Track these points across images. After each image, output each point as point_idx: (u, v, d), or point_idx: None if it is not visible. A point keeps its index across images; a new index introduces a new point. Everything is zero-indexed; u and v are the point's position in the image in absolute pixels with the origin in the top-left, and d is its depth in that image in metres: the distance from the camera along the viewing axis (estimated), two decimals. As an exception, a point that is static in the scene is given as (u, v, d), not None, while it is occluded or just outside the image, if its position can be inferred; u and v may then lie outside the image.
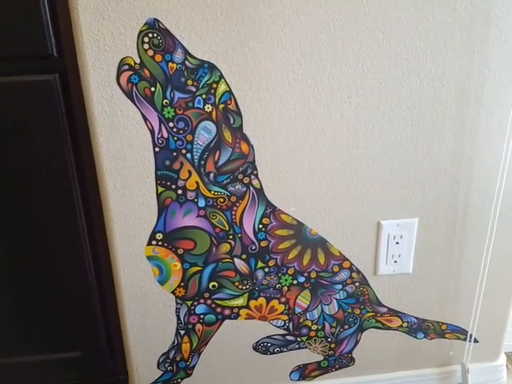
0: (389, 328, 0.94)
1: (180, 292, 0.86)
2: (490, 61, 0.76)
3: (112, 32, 0.69)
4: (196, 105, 0.74)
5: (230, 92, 0.74)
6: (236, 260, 0.85)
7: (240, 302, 0.88)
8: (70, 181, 0.78)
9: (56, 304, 0.89)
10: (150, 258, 0.83)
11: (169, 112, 0.74)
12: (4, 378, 0.96)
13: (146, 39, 0.70)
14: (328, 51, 0.73)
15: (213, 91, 0.73)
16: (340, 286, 0.89)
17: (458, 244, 0.88)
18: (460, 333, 0.97)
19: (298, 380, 0.97)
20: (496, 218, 0.86)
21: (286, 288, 0.88)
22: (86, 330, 0.92)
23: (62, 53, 0.72)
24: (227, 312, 0.89)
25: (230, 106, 0.75)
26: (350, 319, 0.92)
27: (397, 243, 0.87)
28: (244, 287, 0.87)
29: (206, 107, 0.74)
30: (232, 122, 0.76)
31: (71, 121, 0.75)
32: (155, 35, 0.70)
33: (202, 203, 0.80)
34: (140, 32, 0.69)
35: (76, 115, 0.75)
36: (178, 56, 0.71)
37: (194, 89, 0.73)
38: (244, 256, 0.85)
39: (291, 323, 0.91)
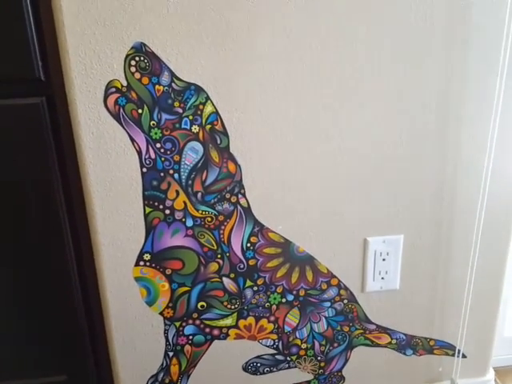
0: (378, 345, 0.94)
1: (168, 313, 0.85)
2: (469, 80, 0.78)
3: (99, 55, 0.70)
4: (183, 126, 0.75)
5: (216, 113, 0.75)
6: (224, 279, 0.85)
7: (229, 321, 0.88)
8: (57, 203, 0.78)
9: (42, 326, 0.88)
10: (137, 278, 0.82)
11: (156, 133, 0.74)
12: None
13: (133, 62, 0.71)
14: (313, 73, 0.75)
15: (199, 112, 0.74)
16: (328, 304, 0.89)
17: (443, 259, 0.90)
18: (448, 348, 0.97)
19: (289, 400, 0.97)
20: (479, 233, 0.87)
21: (274, 306, 0.88)
22: (72, 353, 0.90)
23: (48, 76, 0.73)
24: (216, 332, 0.88)
25: (216, 127, 0.76)
26: (339, 337, 0.92)
27: (383, 260, 0.87)
28: (233, 306, 0.87)
29: (192, 128, 0.75)
30: (219, 142, 0.77)
31: (58, 143, 0.76)
32: (142, 58, 0.71)
33: (189, 223, 0.80)
34: (127, 55, 0.70)
35: (63, 138, 0.75)
36: (165, 78, 0.72)
37: (180, 110, 0.74)
38: (232, 275, 0.85)
39: (281, 342, 0.91)
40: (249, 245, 0.83)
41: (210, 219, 0.81)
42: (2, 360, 0.90)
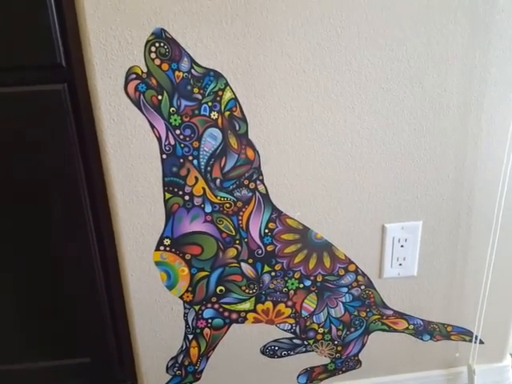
0: (395, 330, 0.95)
1: (188, 297, 0.87)
2: (491, 66, 0.77)
3: (119, 41, 0.70)
4: (202, 112, 0.75)
5: (235, 99, 0.75)
6: (243, 264, 0.86)
7: (247, 305, 0.89)
8: (79, 189, 0.79)
9: (65, 309, 0.90)
10: (157, 263, 0.84)
11: (175, 120, 0.75)
12: (14, 384, 0.97)
13: (153, 48, 0.71)
14: (331, 58, 0.74)
15: (218, 99, 0.75)
16: (346, 289, 0.90)
17: (461, 246, 0.89)
18: (465, 334, 0.97)
19: (306, 383, 0.98)
20: (499, 220, 0.87)
21: (292, 292, 0.89)
22: (95, 336, 0.93)
23: (70, 62, 0.74)
24: (234, 316, 0.90)
25: (235, 113, 0.76)
26: (356, 322, 0.93)
27: (401, 246, 0.87)
28: (251, 291, 0.88)
29: (212, 114, 0.75)
30: (238, 128, 0.77)
31: (79, 129, 0.77)
32: (162, 44, 0.71)
33: (208, 209, 0.81)
34: (147, 42, 0.71)
35: (84, 124, 0.76)
36: (185, 65, 0.72)
37: (200, 96, 0.74)
38: (250, 260, 0.86)
39: (298, 327, 0.92)
40: (267, 231, 0.84)
41: (228, 205, 0.81)
42: (28, 341, 0.93)
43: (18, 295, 0.88)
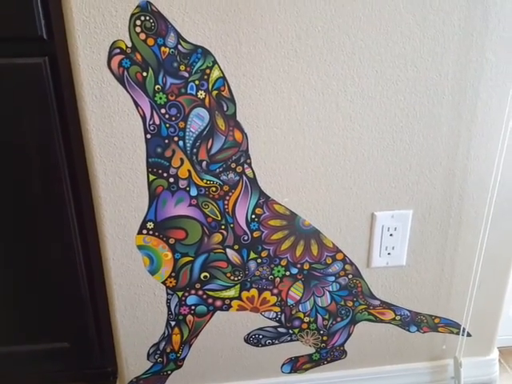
0: (381, 321, 0.94)
1: (171, 282, 0.85)
2: (488, 51, 0.75)
3: (103, 14, 0.67)
4: (189, 91, 0.72)
5: (223, 78, 0.72)
6: (228, 250, 0.84)
7: (232, 293, 0.87)
8: (59, 167, 0.76)
9: (44, 293, 0.88)
10: (140, 247, 0.81)
11: (161, 98, 0.72)
12: (-9, 369, 0.95)
13: (138, 22, 0.68)
14: (324, 38, 0.72)
15: (206, 77, 0.72)
16: (333, 278, 0.88)
17: (452, 237, 0.88)
18: (453, 326, 0.96)
19: (290, 373, 0.96)
20: (491, 211, 0.85)
21: (278, 279, 0.87)
22: (74, 321, 0.90)
23: (51, 35, 0.71)
24: (219, 303, 0.88)
25: (223, 93, 0.73)
26: (343, 311, 0.91)
27: (391, 235, 0.86)
28: (236, 278, 0.86)
29: (198, 93, 0.73)
30: (225, 109, 0.74)
31: (60, 105, 0.74)
32: (147, 18, 0.68)
33: (194, 192, 0.79)
34: (132, 15, 0.68)
35: (65, 99, 0.73)
36: (171, 40, 0.69)
37: (186, 74, 0.71)
38: (236, 246, 0.83)
39: (283, 315, 0.90)
40: (253, 216, 0.82)
41: (214, 189, 0.79)
42: (6, 326, 0.91)
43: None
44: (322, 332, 0.93)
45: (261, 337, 0.92)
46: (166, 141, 0.75)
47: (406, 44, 0.73)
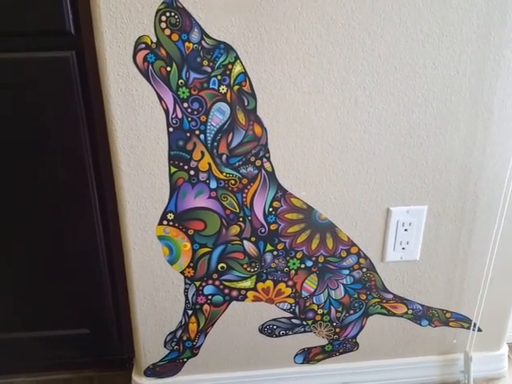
0: (394, 314, 0.95)
1: (189, 272, 0.87)
2: (505, 49, 0.76)
3: (130, 10, 0.69)
4: (211, 86, 0.74)
5: (245, 73, 0.74)
6: (245, 242, 0.85)
7: (248, 284, 0.89)
8: (84, 158, 0.79)
9: (65, 280, 0.90)
10: (160, 237, 0.83)
11: (184, 92, 0.74)
12: (12, 353, 0.98)
13: (164, 18, 0.70)
14: (344, 35, 0.73)
15: (228, 72, 0.74)
16: (347, 272, 0.90)
17: (465, 233, 0.89)
18: (464, 321, 0.98)
19: (302, 363, 0.98)
20: (505, 208, 0.86)
21: (293, 272, 0.89)
22: (94, 308, 0.93)
23: (79, 30, 0.73)
24: (235, 293, 0.90)
25: (244, 88, 0.75)
26: (356, 304, 0.93)
27: (405, 230, 0.87)
28: (252, 269, 0.88)
29: (220, 88, 0.74)
30: (246, 103, 0.76)
31: (86, 98, 0.76)
32: (172, 14, 0.70)
33: (213, 185, 0.81)
34: (157, 10, 0.69)
35: (91, 93, 0.75)
36: (195, 36, 0.71)
37: (209, 69, 0.73)
38: (253, 238, 0.85)
39: (297, 307, 0.92)
40: (271, 209, 0.83)
41: (233, 182, 0.81)
42: (24, 312, 0.93)
43: (19, 267, 0.88)
44: (334, 324, 0.95)
45: (275, 327, 0.94)
46: (188, 134, 0.77)
47: (424, 41, 0.74)
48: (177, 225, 0.83)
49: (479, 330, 0.98)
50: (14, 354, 0.97)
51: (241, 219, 0.84)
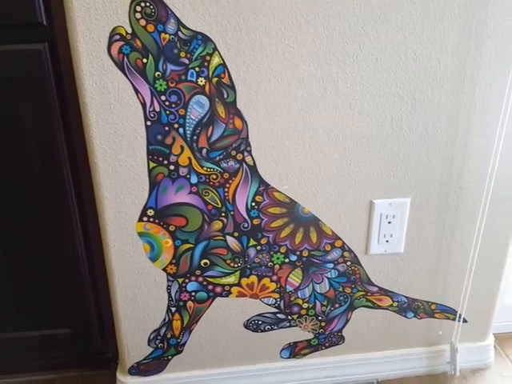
0: (379, 307, 0.95)
1: (171, 269, 0.85)
2: (487, 39, 0.75)
3: (103, 0, 0.67)
4: (189, 78, 0.72)
5: (223, 65, 0.72)
6: (228, 238, 0.84)
7: (231, 279, 0.88)
8: (60, 153, 0.77)
9: (46, 280, 0.88)
10: (141, 234, 0.82)
11: (161, 85, 0.72)
12: (-7, 354, 0.96)
13: (139, 8, 0.68)
14: (324, 25, 0.72)
15: (206, 64, 0.72)
16: (331, 265, 0.89)
17: (449, 224, 0.89)
18: (449, 313, 0.98)
19: (289, 358, 0.98)
20: (488, 199, 0.86)
21: (277, 266, 0.88)
22: (75, 307, 0.92)
23: (51, 21, 0.70)
24: (218, 289, 0.89)
25: (223, 80, 0.73)
26: (341, 298, 0.93)
27: (389, 223, 0.87)
28: (236, 265, 0.87)
29: (199, 80, 0.73)
30: (226, 96, 0.74)
31: (60, 92, 0.74)
32: (148, 4, 0.68)
33: (194, 179, 0.79)
34: (132, 1, 0.67)
35: (65, 86, 0.73)
36: (171, 26, 0.69)
37: (186, 61, 0.71)
38: (236, 234, 0.84)
39: (282, 301, 0.91)
40: (253, 204, 0.82)
41: (214, 176, 0.79)
42: (5, 312, 0.91)
43: (-4, 264, 0.86)
44: (320, 318, 0.94)
45: (260, 322, 0.93)
46: (166, 128, 0.75)
47: (405, 32, 0.73)
48: (157, 221, 0.81)
49: (465, 321, 0.98)
50: (-5, 356, 0.96)
51: (223, 214, 0.82)
